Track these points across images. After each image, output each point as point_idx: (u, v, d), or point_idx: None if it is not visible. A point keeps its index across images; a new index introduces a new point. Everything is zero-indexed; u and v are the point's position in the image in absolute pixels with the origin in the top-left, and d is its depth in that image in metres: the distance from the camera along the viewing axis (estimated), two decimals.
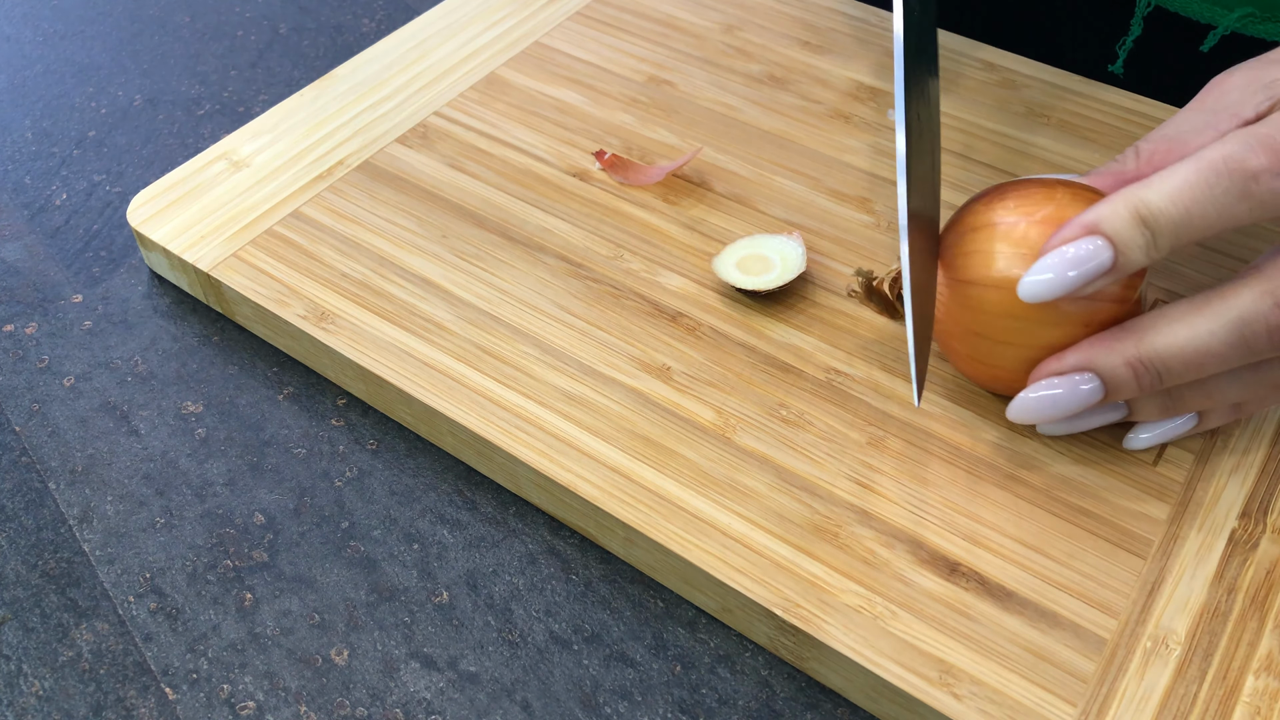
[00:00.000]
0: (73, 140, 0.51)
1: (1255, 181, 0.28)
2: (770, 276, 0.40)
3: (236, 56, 0.56)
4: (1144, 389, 0.31)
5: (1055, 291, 0.30)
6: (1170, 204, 0.29)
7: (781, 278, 0.40)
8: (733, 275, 0.40)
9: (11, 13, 0.59)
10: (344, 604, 0.35)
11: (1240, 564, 0.33)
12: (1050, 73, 0.50)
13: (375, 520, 0.37)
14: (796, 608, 0.32)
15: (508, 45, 0.52)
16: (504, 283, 0.41)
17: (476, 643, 0.34)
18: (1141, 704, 0.30)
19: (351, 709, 0.33)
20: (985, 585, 0.33)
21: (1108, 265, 0.29)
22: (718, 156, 0.46)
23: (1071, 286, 0.30)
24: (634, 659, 0.34)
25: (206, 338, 0.43)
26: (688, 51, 0.52)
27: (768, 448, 0.36)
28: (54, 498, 0.38)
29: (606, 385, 0.38)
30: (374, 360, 0.39)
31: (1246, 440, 0.36)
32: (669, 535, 0.34)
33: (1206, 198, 0.29)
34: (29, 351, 0.42)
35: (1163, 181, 0.29)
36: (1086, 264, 0.29)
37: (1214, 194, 0.28)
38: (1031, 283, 0.30)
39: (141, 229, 0.43)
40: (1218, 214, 0.29)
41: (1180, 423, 0.33)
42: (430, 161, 0.46)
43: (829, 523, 0.34)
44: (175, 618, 0.35)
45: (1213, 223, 0.29)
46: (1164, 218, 0.29)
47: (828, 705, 0.33)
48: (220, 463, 0.39)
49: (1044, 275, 0.30)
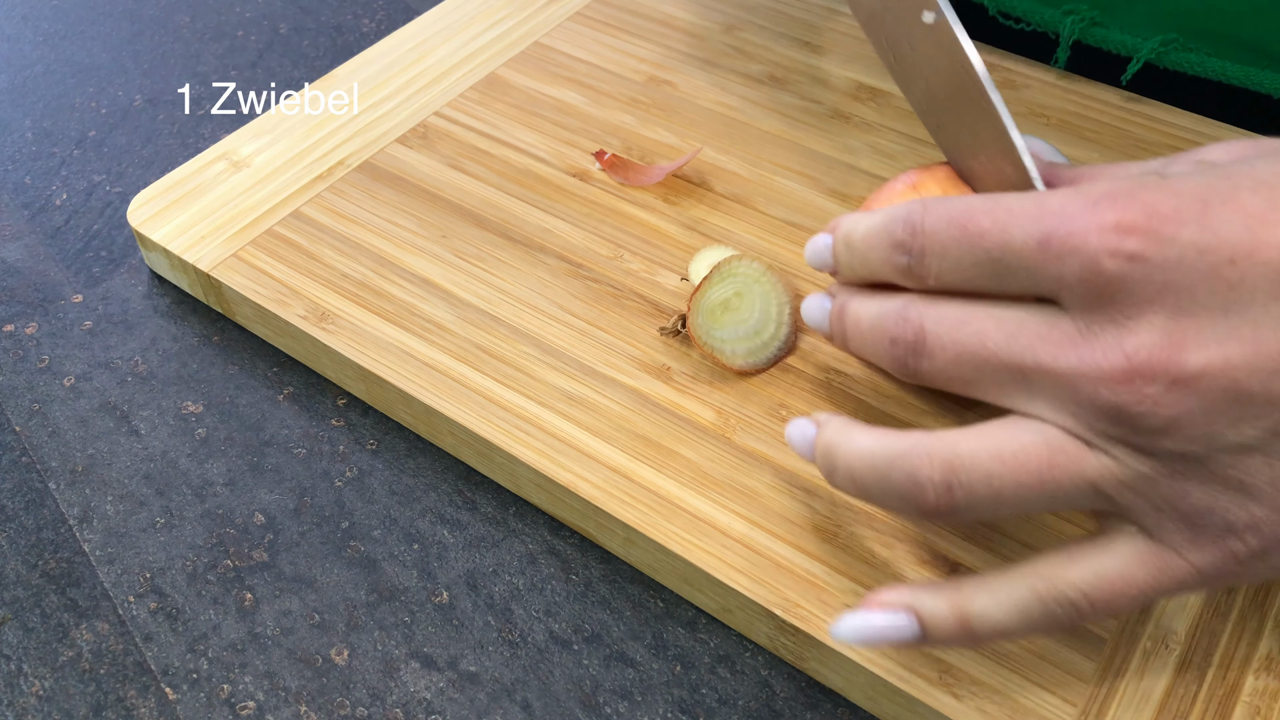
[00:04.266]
0: (73, 140, 0.51)
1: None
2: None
3: (236, 56, 0.56)
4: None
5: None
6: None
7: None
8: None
9: (11, 13, 0.59)
10: (344, 604, 0.35)
11: None
12: (1050, 73, 0.50)
13: (375, 520, 0.37)
14: (796, 608, 0.32)
15: (508, 45, 0.52)
16: (504, 283, 0.41)
17: (476, 643, 0.34)
18: (1141, 704, 0.30)
19: (351, 709, 0.33)
20: None
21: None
22: (718, 156, 0.46)
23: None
24: (634, 659, 0.34)
25: (206, 338, 0.43)
26: (688, 51, 0.52)
27: (768, 448, 0.36)
28: (54, 498, 0.38)
29: (606, 385, 0.38)
30: (374, 360, 0.39)
31: None
32: (669, 535, 0.34)
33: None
34: (29, 351, 0.42)
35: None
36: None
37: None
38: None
39: (142, 229, 0.43)
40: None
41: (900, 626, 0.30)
42: (430, 162, 0.46)
43: (829, 523, 0.34)
44: (175, 618, 0.35)
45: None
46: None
47: (828, 705, 0.33)
48: (220, 463, 0.39)
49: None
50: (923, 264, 0.29)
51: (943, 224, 0.29)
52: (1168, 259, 0.25)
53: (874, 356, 0.31)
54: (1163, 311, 0.25)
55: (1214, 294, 0.25)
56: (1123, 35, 0.47)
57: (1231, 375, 0.25)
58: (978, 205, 0.28)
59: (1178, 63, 0.47)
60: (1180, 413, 0.25)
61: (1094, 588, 0.27)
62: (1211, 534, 0.26)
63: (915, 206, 0.29)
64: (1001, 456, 0.27)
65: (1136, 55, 0.47)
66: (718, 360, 0.38)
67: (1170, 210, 0.25)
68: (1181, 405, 0.25)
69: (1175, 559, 0.27)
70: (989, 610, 0.28)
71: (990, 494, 0.27)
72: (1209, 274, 0.25)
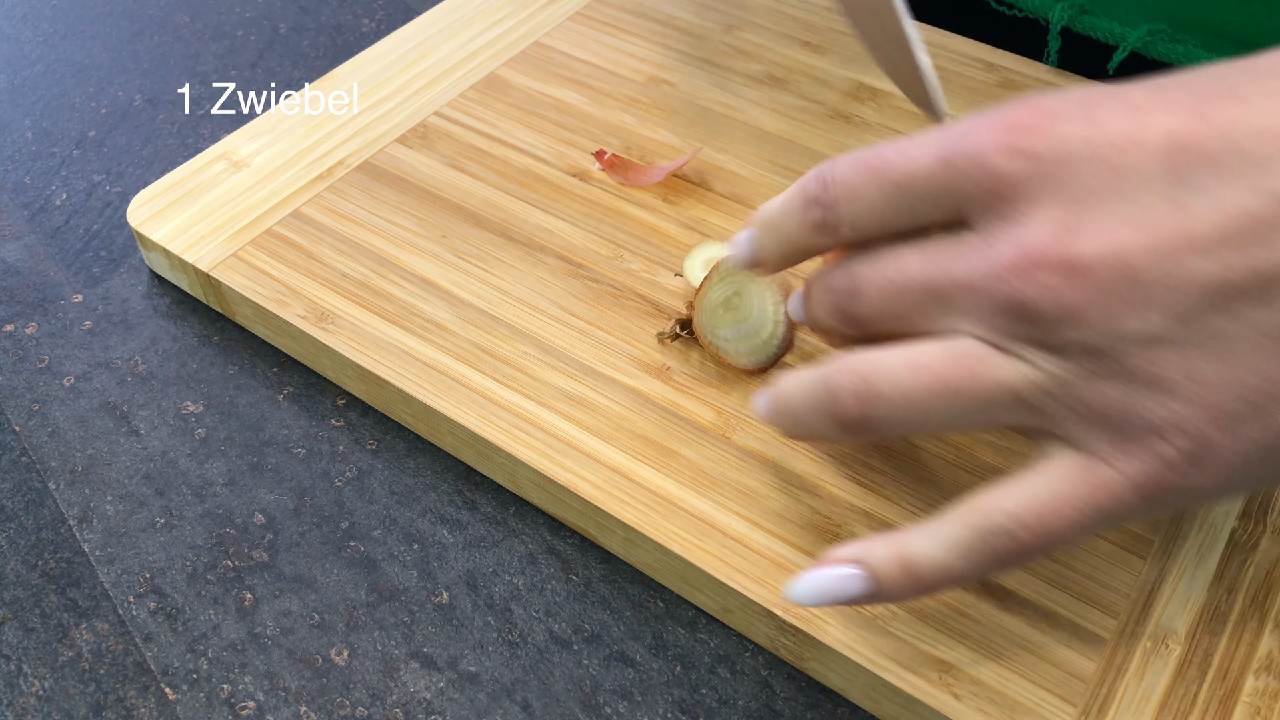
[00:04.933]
0: (73, 140, 0.51)
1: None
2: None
3: (236, 56, 0.56)
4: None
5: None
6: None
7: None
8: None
9: (11, 13, 0.59)
10: (344, 604, 0.35)
11: (1240, 564, 0.33)
12: (1050, 73, 0.50)
13: (375, 520, 0.37)
14: (796, 608, 0.32)
15: (508, 45, 0.52)
16: (504, 283, 0.41)
17: (476, 643, 0.34)
18: (1141, 704, 0.30)
19: (351, 709, 0.33)
20: (985, 585, 0.33)
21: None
22: (718, 156, 0.46)
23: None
24: (634, 659, 0.34)
25: (206, 338, 0.43)
26: (688, 51, 0.52)
27: (768, 448, 0.36)
28: (54, 498, 0.38)
29: (606, 385, 0.38)
30: (374, 360, 0.39)
31: None
32: (669, 535, 0.34)
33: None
34: (29, 351, 0.42)
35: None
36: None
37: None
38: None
39: (141, 229, 0.43)
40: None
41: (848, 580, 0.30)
42: (430, 161, 0.46)
43: (829, 522, 0.34)
44: (175, 618, 0.35)
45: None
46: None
47: (828, 705, 0.33)
48: (220, 463, 0.39)
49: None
50: (836, 212, 0.29)
51: (849, 169, 0.29)
52: (1055, 151, 0.26)
53: (824, 320, 0.31)
54: (1055, 203, 0.26)
55: (1104, 182, 0.25)
56: (1111, 24, 0.47)
57: (1126, 259, 0.25)
58: (885, 147, 0.29)
59: (1165, 53, 0.47)
60: (1080, 301, 0.25)
61: (1028, 511, 0.27)
62: (1136, 437, 0.26)
63: (825, 163, 0.30)
64: (915, 366, 0.28)
65: (1123, 44, 0.47)
66: (723, 360, 0.38)
67: (1058, 109, 0.26)
68: (1080, 293, 0.25)
69: (1106, 470, 0.26)
70: (929, 551, 0.28)
71: (907, 404, 0.28)
72: (1097, 162, 0.25)
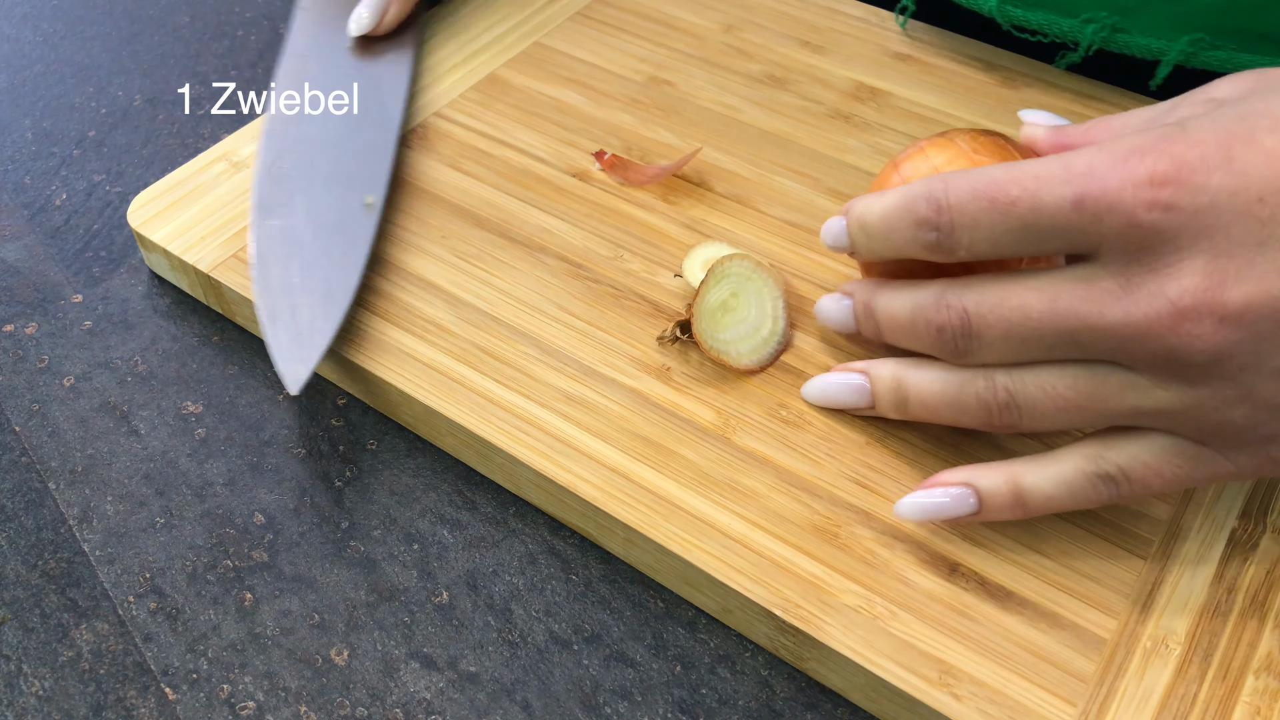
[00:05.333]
0: (73, 140, 0.51)
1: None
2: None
3: (236, 56, 0.56)
4: None
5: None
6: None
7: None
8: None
9: (11, 13, 0.59)
10: (344, 604, 0.35)
11: (1240, 564, 0.33)
12: (1050, 72, 0.50)
13: (375, 520, 0.37)
14: (796, 608, 0.32)
15: (508, 46, 0.52)
16: (504, 283, 0.41)
17: (476, 643, 0.34)
18: (1141, 704, 0.30)
19: (351, 709, 0.33)
20: (985, 585, 0.33)
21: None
22: (718, 156, 0.46)
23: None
24: (634, 659, 0.34)
25: (206, 338, 0.43)
26: (688, 51, 0.52)
27: (768, 448, 0.36)
28: (54, 498, 0.38)
29: (606, 385, 0.38)
30: (374, 361, 0.39)
31: None
32: (669, 535, 0.34)
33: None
34: (29, 351, 0.42)
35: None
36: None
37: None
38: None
39: (142, 230, 0.43)
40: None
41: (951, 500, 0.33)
42: (430, 162, 0.46)
43: (829, 523, 0.34)
44: (175, 618, 0.35)
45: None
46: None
47: (828, 705, 0.33)
48: (220, 463, 0.39)
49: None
50: (953, 238, 0.30)
51: (969, 197, 0.29)
52: (1200, 205, 0.27)
53: (920, 346, 0.32)
54: (1200, 255, 0.27)
55: (1248, 232, 0.26)
56: (1146, 39, 0.47)
57: (1274, 305, 0.26)
58: (1001, 175, 0.29)
59: (1206, 61, 0.46)
60: (1228, 346, 0.27)
61: (1132, 469, 0.30)
62: (1252, 445, 0.29)
63: (935, 183, 0.30)
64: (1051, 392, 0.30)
65: (1165, 58, 0.46)
66: (724, 363, 0.38)
67: (1197, 158, 0.27)
68: (1229, 340, 0.27)
69: (1215, 458, 0.29)
70: (1039, 484, 0.31)
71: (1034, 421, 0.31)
72: (1241, 214, 0.26)
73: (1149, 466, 0.30)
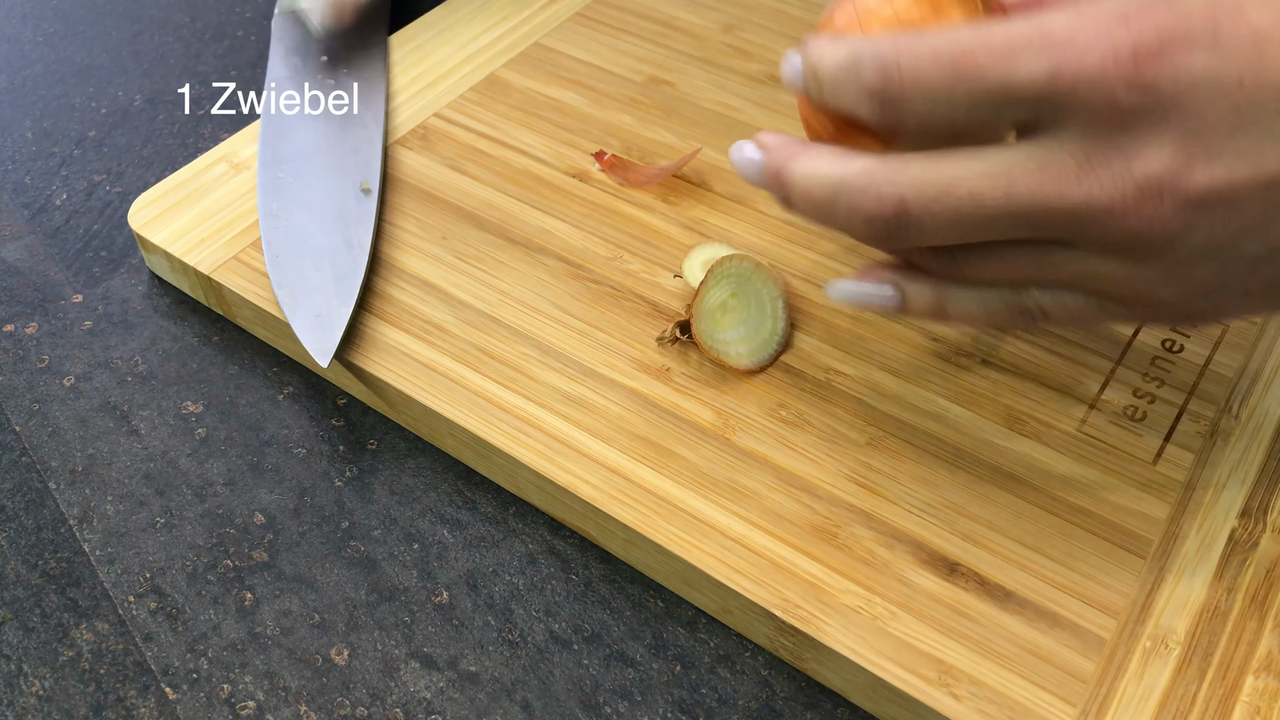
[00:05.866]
0: (73, 140, 0.51)
1: None
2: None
3: (236, 56, 0.56)
4: None
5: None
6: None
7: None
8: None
9: (11, 13, 0.59)
10: (344, 604, 0.35)
11: (1240, 564, 0.33)
12: None
13: (375, 520, 0.37)
14: (796, 608, 0.32)
15: (508, 46, 0.52)
16: (504, 284, 0.41)
17: (476, 643, 0.34)
18: (1141, 704, 0.30)
19: (351, 709, 0.33)
20: (985, 585, 0.33)
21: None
22: (718, 156, 0.46)
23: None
24: (634, 659, 0.34)
25: (206, 338, 0.43)
26: (688, 51, 0.52)
27: (767, 448, 0.36)
28: (54, 498, 0.38)
29: (606, 386, 0.38)
30: (374, 362, 0.39)
31: (1246, 440, 0.36)
32: (668, 536, 0.34)
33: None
34: (29, 351, 0.42)
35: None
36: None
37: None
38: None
39: (142, 232, 0.43)
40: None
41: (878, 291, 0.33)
42: (430, 163, 0.46)
43: (829, 523, 0.34)
44: (175, 618, 0.35)
45: None
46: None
47: (828, 705, 0.33)
48: (220, 463, 0.39)
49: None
50: (901, 108, 0.27)
51: (929, 64, 0.27)
52: (1179, 85, 0.25)
53: (837, 229, 0.30)
54: (1171, 136, 0.25)
55: (1221, 116, 0.25)
56: None
57: (1236, 192, 0.25)
58: (970, 42, 0.26)
59: None
60: (1183, 230, 0.26)
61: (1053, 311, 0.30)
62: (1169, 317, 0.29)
63: (886, 46, 0.27)
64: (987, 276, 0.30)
65: None
66: (724, 363, 0.38)
67: (1183, 32, 0.25)
68: (1186, 223, 0.26)
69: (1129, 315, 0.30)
70: (962, 301, 0.31)
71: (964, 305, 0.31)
72: (1218, 96, 0.25)
73: (1068, 311, 0.30)
